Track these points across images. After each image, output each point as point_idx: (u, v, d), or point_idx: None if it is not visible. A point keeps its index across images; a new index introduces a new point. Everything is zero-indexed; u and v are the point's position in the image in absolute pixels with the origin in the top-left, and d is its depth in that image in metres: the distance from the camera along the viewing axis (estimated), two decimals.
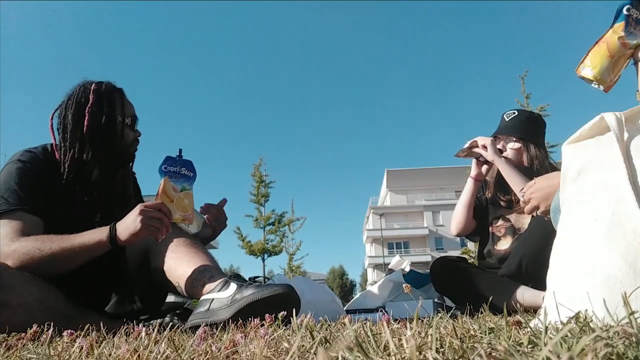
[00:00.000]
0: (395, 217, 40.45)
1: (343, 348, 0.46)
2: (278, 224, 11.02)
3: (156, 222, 1.30)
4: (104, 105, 1.50)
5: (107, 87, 1.54)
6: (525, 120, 2.02)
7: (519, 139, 1.98)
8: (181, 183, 1.42)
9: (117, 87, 1.59)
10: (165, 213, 1.33)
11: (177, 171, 1.42)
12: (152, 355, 0.61)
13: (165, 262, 1.40)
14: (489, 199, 2.12)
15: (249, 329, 0.91)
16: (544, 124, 2.11)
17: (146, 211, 1.30)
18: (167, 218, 1.33)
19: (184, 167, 1.43)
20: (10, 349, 0.82)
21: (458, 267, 1.94)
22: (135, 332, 0.90)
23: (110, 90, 1.54)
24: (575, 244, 0.81)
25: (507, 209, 2.06)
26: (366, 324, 0.73)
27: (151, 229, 1.30)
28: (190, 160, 1.46)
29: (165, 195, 1.37)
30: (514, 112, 2.05)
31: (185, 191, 1.42)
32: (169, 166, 1.41)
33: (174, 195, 1.39)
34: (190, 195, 1.43)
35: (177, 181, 1.41)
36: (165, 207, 1.34)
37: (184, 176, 1.43)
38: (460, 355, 0.47)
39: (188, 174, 1.44)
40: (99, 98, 1.50)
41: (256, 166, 11.36)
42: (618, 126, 0.82)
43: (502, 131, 2.03)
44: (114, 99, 1.54)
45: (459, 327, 0.74)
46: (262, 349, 0.58)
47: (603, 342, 0.43)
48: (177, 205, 1.38)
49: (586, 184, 0.84)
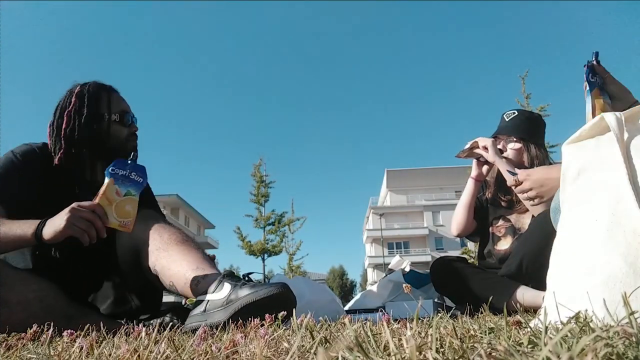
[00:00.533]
0: (395, 217, 40.46)
1: (343, 348, 0.46)
2: (278, 224, 11.04)
3: (83, 223, 1.24)
4: (86, 106, 1.50)
5: (91, 87, 1.54)
6: (526, 121, 2.02)
7: (519, 139, 1.98)
8: (127, 187, 1.36)
9: (104, 84, 1.58)
10: (99, 216, 1.28)
11: (125, 175, 1.36)
12: (152, 355, 0.61)
13: (158, 261, 1.38)
14: (489, 199, 2.12)
15: (248, 329, 0.91)
16: (544, 124, 2.11)
17: (76, 210, 1.25)
18: (101, 221, 1.28)
19: (134, 172, 1.38)
20: (10, 349, 0.82)
21: (457, 267, 1.93)
22: (135, 332, 0.90)
23: (94, 90, 1.54)
24: (575, 244, 0.81)
25: (508, 209, 2.06)
26: (366, 324, 0.73)
27: (75, 230, 1.23)
28: (143, 166, 1.41)
29: (105, 198, 1.31)
30: (514, 112, 2.05)
31: (130, 197, 1.36)
32: (117, 168, 1.36)
33: (115, 199, 1.32)
34: (135, 202, 1.36)
35: (123, 185, 1.35)
36: (100, 209, 1.29)
37: (132, 181, 1.37)
38: (460, 355, 0.47)
39: (137, 179, 1.38)
40: (81, 99, 1.51)
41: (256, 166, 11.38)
42: (618, 126, 0.82)
43: (502, 131, 2.03)
44: (98, 97, 1.53)
45: (459, 327, 0.74)
46: (262, 349, 0.58)
47: (603, 342, 0.43)
48: (116, 210, 1.32)
49: (586, 184, 0.85)
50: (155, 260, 1.39)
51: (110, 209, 1.31)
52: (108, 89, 1.59)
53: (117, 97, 1.60)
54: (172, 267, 1.36)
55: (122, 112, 1.57)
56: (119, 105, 1.58)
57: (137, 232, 1.46)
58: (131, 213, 1.35)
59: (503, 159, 1.91)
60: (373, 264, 38.46)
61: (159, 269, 1.38)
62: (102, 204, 1.31)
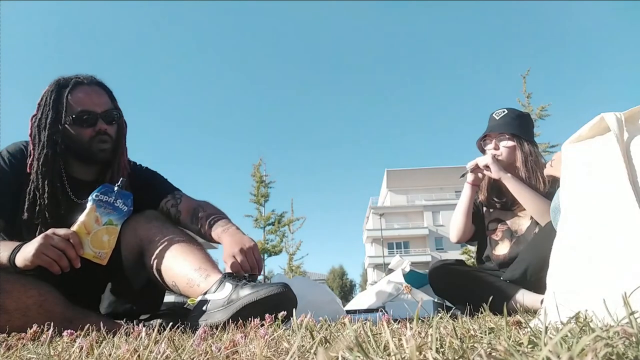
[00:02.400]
0: (395, 217, 40.44)
1: (343, 348, 0.46)
2: (278, 224, 11.02)
3: (54, 252, 1.20)
4: (42, 111, 1.44)
5: (49, 88, 1.46)
6: (516, 118, 2.00)
7: (512, 137, 1.96)
8: (108, 216, 1.32)
9: (69, 82, 1.47)
10: (74, 245, 1.23)
11: (110, 202, 1.33)
12: (152, 355, 0.61)
13: (161, 261, 1.38)
14: (484, 202, 2.10)
15: (249, 329, 0.91)
16: (532, 122, 2.10)
17: (49, 238, 1.21)
18: (75, 251, 1.24)
19: (120, 200, 1.35)
20: (10, 349, 0.82)
21: (456, 270, 1.92)
22: (135, 332, 0.90)
23: (54, 92, 1.45)
24: (575, 244, 0.81)
25: (502, 210, 2.04)
26: (366, 324, 0.73)
27: (44, 260, 1.19)
28: (130, 194, 1.38)
29: (84, 226, 1.27)
30: (504, 111, 2.03)
31: (111, 226, 1.32)
32: (101, 194, 1.32)
33: (93, 228, 1.29)
34: (115, 232, 1.33)
35: (105, 213, 1.31)
36: (76, 238, 1.24)
37: (116, 209, 1.33)
38: (460, 355, 0.47)
39: (122, 207, 1.34)
40: (39, 104, 1.46)
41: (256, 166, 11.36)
42: (618, 126, 0.82)
43: (493, 129, 2.00)
44: (57, 99, 1.44)
45: (459, 327, 0.74)
46: (262, 349, 0.58)
47: (603, 342, 0.43)
48: (92, 240, 1.28)
49: (586, 183, 0.84)
50: (158, 260, 1.39)
51: (87, 238, 1.27)
52: (70, 85, 1.46)
53: (78, 97, 1.46)
54: (174, 267, 1.36)
55: (79, 112, 1.44)
56: (78, 104, 1.44)
57: (141, 231, 1.46)
58: (107, 244, 1.31)
59: (509, 175, 1.87)
60: (373, 264, 38.43)
61: (162, 268, 1.38)
62: (78, 232, 1.27)
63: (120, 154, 1.57)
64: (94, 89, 1.50)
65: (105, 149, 1.49)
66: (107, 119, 1.49)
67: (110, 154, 1.52)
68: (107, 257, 1.31)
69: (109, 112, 1.50)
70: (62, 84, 1.47)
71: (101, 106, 1.48)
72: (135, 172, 1.65)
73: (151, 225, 1.47)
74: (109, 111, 1.50)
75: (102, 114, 1.48)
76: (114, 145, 1.53)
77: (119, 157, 1.56)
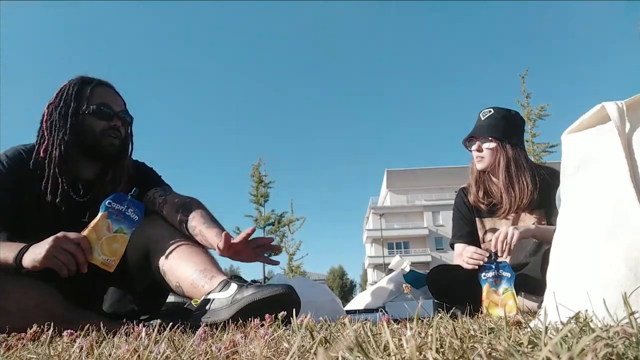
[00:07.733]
0: (395, 217, 40.43)
1: (343, 348, 0.46)
2: (278, 224, 11.02)
3: (65, 255, 1.20)
4: (63, 98, 1.49)
5: (75, 81, 1.53)
6: (502, 119, 1.98)
7: (494, 139, 1.95)
8: (119, 224, 1.33)
9: (92, 79, 1.56)
10: (84, 249, 1.24)
11: (121, 210, 1.34)
12: (152, 355, 0.61)
13: (166, 261, 1.39)
14: (473, 204, 2.07)
15: (249, 329, 0.91)
16: (521, 122, 2.07)
17: (60, 240, 1.21)
18: (84, 256, 1.24)
19: (131, 209, 1.35)
20: (10, 349, 0.82)
21: (455, 275, 1.91)
22: (135, 332, 0.90)
23: (77, 83, 1.52)
24: (576, 243, 0.80)
25: (489, 212, 2.02)
26: (366, 324, 0.73)
27: (54, 263, 1.19)
28: (141, 203, 1.40)
29: (94, 232, 1.28)
30: (490, 111, 2.01)
31: (121, 234, 1.33)
32: (114, 202, 1.33)
33: (104, 235, 1.29)
34: (125, 241, 1.34)
35: (116, 221, 1.32)
36: (86, 243, 1.25)
37: (127, 218, 1.34)
38: (460, 355, 0.47)
39: (133, 216, 1.36)
40: (60, 93, 1.51)
41: (255, 166, 11.35)
42: (619, 117, 0.78)
43: (477, 131, 1.99)
44: (79, 90, 1.51)
45: (459, 327, 0.74)
46: (262, 349, 0.58)
47: (603, 342, 0.43)
48: (103, 246, 1.28)
49: (586, 178, 0.82)
50: (163, 260, 1.40)
51: (97, 244, 1.27)
52: (94, 83, 1.55)
53: (101, 91, 1.55)
54: (179, 268, 1.37)
55: (99, 104, 1.51)
56: (98, 98, 1.53)
57: (147, 232, 1.47)
58: (117, 252, 1.31)
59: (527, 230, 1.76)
60: (373, 264, 38.42)
61: (167, 269, 1.39)
62: (89, 238, 1.27)
63: (125, 157, 1.61)
64: (114, 92, 1.61)
65: (115, 144, 1.55)
66: (122, 118, 1.58)
67: (117, 152, 1.57)
68: (115, 265, 1.31)
69: (125, 112, 1.60)
70: (86, 80, 1.55)
71: (119, 107, 1.59)
72: (132, 162, 1.70)
73: (158, 225, 1.48)
74: (125, 112, 1.61)
75: (120, 112, 1.57)
76: (122, 145, 1.59)
77: (122, 160, 1.60)
